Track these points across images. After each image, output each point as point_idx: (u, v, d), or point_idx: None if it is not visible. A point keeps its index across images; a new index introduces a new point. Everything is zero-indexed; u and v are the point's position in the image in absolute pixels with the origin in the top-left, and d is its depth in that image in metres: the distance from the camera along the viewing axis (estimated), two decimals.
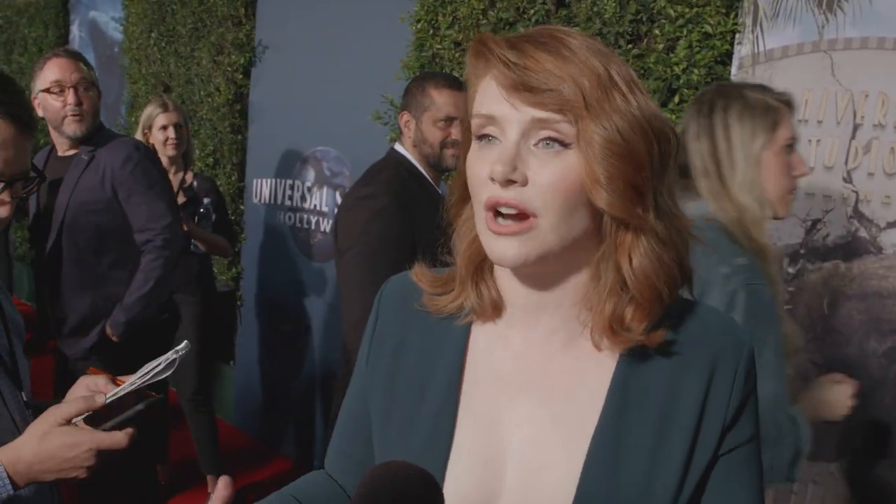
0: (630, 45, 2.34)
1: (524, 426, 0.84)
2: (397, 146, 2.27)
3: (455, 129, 2.16)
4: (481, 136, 0.79)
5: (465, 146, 0.82)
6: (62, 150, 2.51)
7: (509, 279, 0.84)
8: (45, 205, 2.49)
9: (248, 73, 4.02)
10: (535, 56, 0.74)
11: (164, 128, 3.19)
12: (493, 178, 0.75)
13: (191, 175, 3.33)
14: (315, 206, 3.64)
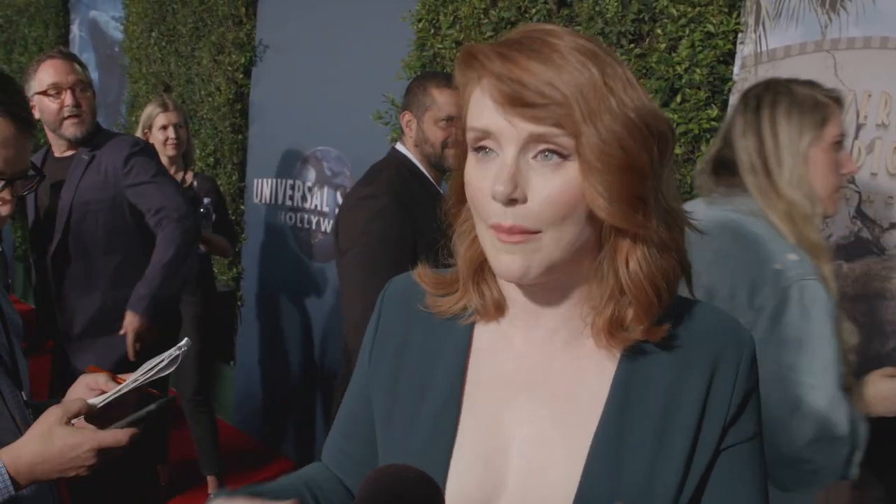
0: (632, 45, 2.33)
1: (525, 426, 0.84)
2: (398, 146, 2.26)
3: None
4: (478, 149, 0.78)
5: (462, 151, 0.82)
6: (60, 152, 2.50)
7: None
8: (46, 206, 2.48)
9: (249, 72, 4.02)
10: (528, 67, 0.72)
11: (163, 128, 3.19)
12: (495, 198, 0.74)
13: (191, 175, 3.33)
14: (316, 206, 3.64)
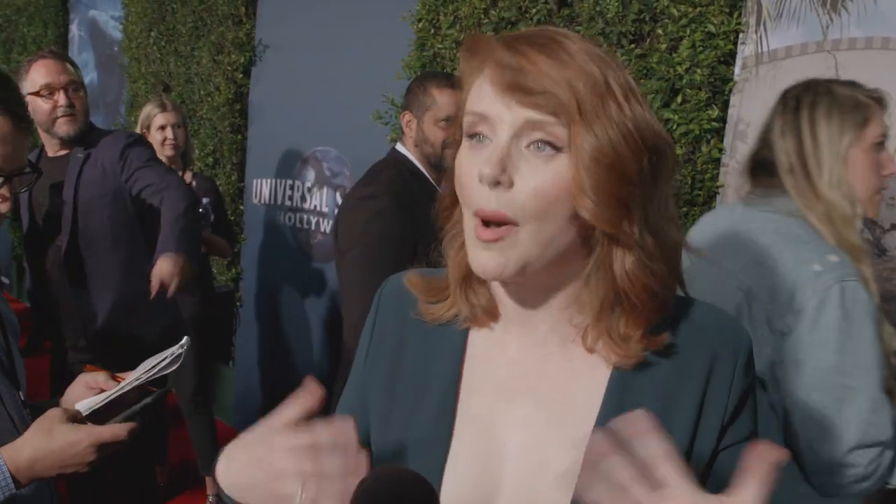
0: (633, 45, 2.33)
1: (521, 429, 0.83)
2: (398, 146, 2.26)
3: None
4: (472, 135, 0.77)
5: (457, 147, 0.81)
6: (53, 151, 2.50)
7: (498, 285, 0.85)
8: (46, 208, 2.47)
9: (249, 72, 4.01)
10: (532, 57, 0.73)
11: (161, 128, 3.18)
12: (482, 180, 0.74)
13: (190, 175, 3.32)
14: (315, 207, 3.63)
